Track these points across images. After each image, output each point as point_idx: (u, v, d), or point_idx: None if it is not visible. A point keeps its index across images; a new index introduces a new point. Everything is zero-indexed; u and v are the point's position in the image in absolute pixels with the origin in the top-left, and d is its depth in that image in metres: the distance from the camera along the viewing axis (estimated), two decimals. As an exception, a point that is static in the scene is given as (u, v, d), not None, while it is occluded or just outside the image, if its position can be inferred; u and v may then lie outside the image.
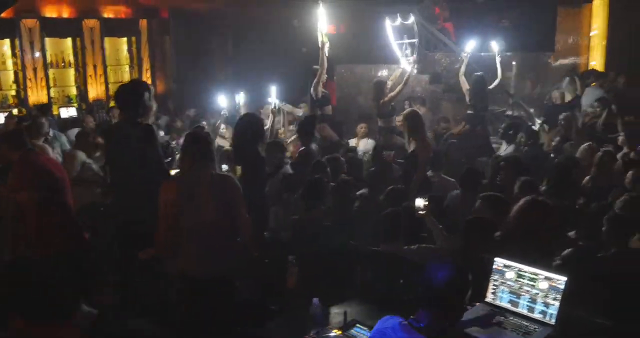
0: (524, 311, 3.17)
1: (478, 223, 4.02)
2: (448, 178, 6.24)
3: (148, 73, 13.72)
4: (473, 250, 3.82)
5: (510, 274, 3.26)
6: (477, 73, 8.92)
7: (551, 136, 8.24)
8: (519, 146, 7.50)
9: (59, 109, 11.88)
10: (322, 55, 8.26)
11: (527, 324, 3.11)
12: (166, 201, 3.81)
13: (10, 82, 11.71)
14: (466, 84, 8.89)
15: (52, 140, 7.93)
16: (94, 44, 12.47)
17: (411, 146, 6.21)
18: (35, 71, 11.72)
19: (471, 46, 8.99)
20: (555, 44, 11.59)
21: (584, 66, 11.87)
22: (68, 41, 12.29)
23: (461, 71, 8.94)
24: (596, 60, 12.13)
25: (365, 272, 4.05)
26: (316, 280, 3.92)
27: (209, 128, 8.93)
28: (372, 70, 11.48)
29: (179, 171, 4.24)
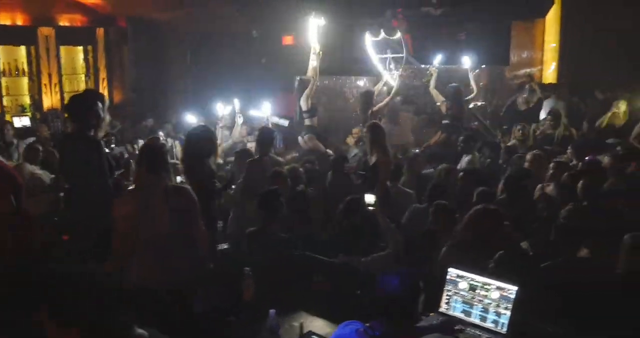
0: (477, 320, 3.22)
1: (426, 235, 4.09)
2: (406, 189, 6.30)
3: (105, 82, 13.53)
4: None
5: (463, 284, 3.30)
6: (453, 84, 9.16)
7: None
8: (481, 158, 7.65)
9: (12, 118, 11.62)
10: (315, 66, 8.30)
11: (480, 333, 3.16)
12: (121, 213, 3.78)
13: (-39, 91, 11.46)
14: (440, 96, 9.14)
15: (13, 149, 7.85)
16: (49, 53, 12.26)
17: (373, 158, 6.26)
18: (-13, 80, 11.48)
19: (438, 60, 9.20)
20: (510, 58, 11.83)
21: (538, 79, 12.14)
22: (22, 49, 12.07)
23: (432, 85, 9.19)
24: (549, 73, 12.44)
25: (322, 283, 4.05)
26: (272, 291, 3.91)
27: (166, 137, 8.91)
28: (335, 82, 11.56)
29: (134, 183, 4.19)
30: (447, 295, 3.34)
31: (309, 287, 4.03)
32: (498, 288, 3.18)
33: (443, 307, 3.34)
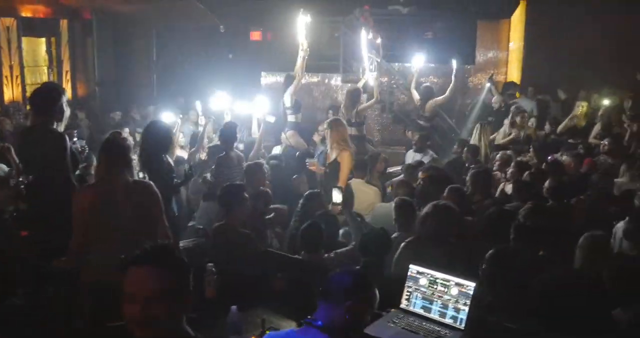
0: (436, 316, 3.25)
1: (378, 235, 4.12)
2: (371, 185, 6.35)
3: (68, 75, 13.30)
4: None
5: (423, 281, 3.34)
6: (426, 84, 9.32)
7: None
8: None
9: (-29, 111, 11.35)
10: (301, 62, 8.29)
11: (439, 329, 3.19)
12: (81, 208, 3.73)
13: None
14: (417, 96, 9.38)
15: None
16: (11, 44, 11.97)
17: (333, 153, 6.29)
18: (-55, 71, 11.20)
19: (421, 61, 9.48)
20: (475, 57, 11.99)
21: (503, 79, 12.32)
22: (-18, 40, 11.79)
23: (412, 85, 9.45)
24: (514, 73, 12.64)
25: (284, 280, 4.05)
26: (234, 287, 3.89)
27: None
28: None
29: (95, 178, 4.14)
30: (408, 291, 3.37)
31: (271, 283, 4.03)
32: (457, 284, 3.22)
33: (403, 303, 3.37)
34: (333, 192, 4.57)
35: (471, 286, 3.17)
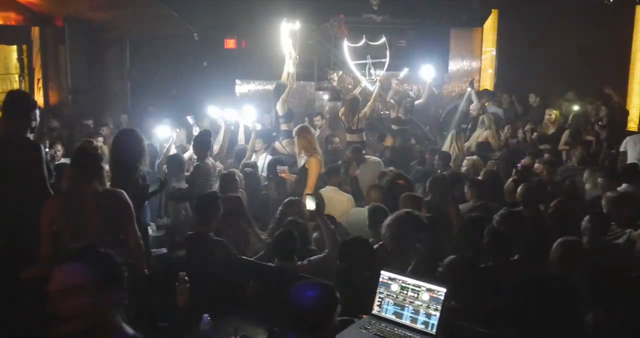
0: (408, 322, 3.27)
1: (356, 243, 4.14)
2: (343, 192, 6.37)
3: (40, 83, 13.13)
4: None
5: (395, 287, 3.35)
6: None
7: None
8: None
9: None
10: (292, 70, 8.32)
11: (411, 335, 3.21)
12: (49, 218, 3.70)
13: None
14: (392, 102, 9.74)
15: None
16: (-20, 51, 11.83)
17: (302, 160, 6.32)
18: None
19: (404, 73, 9.86)
20: (448, 65, 12.11)
21: (476, 87, 12.45)
22: (-48, 47, 11.62)
23: (390, 95, 9.75)
24: (486, 81, 12.81)
25: (257, 288, 4.05)
26: (207, 295, 3.88)
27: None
28: (269, 85, 11.56)
29: (65, 187, 4.10)
30: (380, 297, 3.38)
31: (244, 291, 4.02)
32: (428, 290, 3.24)
33: (375, 309, 3.39)
34: (306, 199, 4.58)
35: (442, 291, 3.20)
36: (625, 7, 11.21)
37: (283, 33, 8.50)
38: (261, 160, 8.42)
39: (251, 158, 7.47)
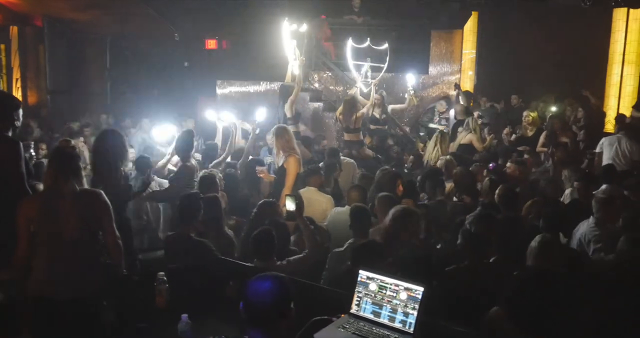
0: (386, 321, 3.29)
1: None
2: (322, 193, 6.40)
3: (19, 83, 13.01)
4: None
5: (373, 286, 3.37)
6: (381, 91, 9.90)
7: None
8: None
9: None
10: (298, 72, 8.36)
11: (389, 333, 3.22)
12: (26, 218, 3.68)
13: None
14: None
15: None
16: (-42, 51, 11.69)
17: (280, 160, 6.33)
18: None
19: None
20: (429, 67, 12.20)
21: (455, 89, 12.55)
22: None
23: (372, 94, 9.59)
24: (467, 83, 12.91)
25: (236, 287, 4.04)
26: (186, 296, 3.87)
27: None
28: (250, 86, 11.57)
29: (43, 187, 4.08)
30: (358, 296, 3.40)
31: (223, 292, 4.02)
32: (406, 289, 3.26)
33: (354, 309, 3.40)
34: (286, 200, 4.60)
35: (419, 290, 3.22)
36: (602, 11, 11.38)
37: (284, 34, 8.56)
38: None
39: (247, 158, 7.50)
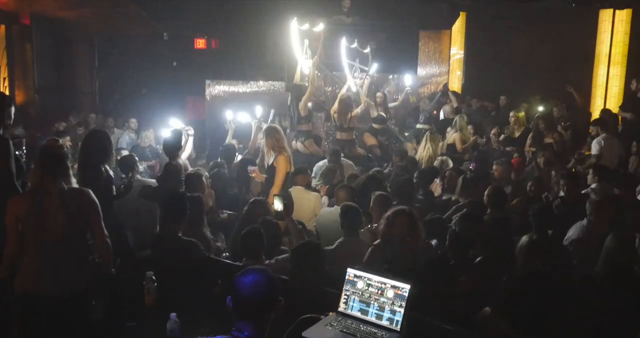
0: (373, 319, 3.32)
1: None
2: (309, 191, 6.44)
3: (6, 82, 12.89)
4: None
5: (360, 284, 3.41)
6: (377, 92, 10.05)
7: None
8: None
9: None
10: (312, 71, 8.43)
11: (376, 331, 3.26)
12: (14, 216, 3.69)
13: None
14: (370, 102, 9.87)
15: None
16: (-55, 49, 11.59)
17: (270, 159, 6.37)
18: None
19: (374, 68, 9.87)
20: (417, 67, 12.25)
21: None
22: None
23: (364, 92, 9.79)
24: (455, 83, 12.97)
25: (225, 287, 4.06)
26: (174, 295, 3.89)
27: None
28: (239, 86, 11.58)
29: (30, 185, 4.09)
30: (346, 294, 3.43)
31: (212, 290, 4.03)
32: (393, 286, 3.30)
33: (341, 307, 3.43)
34: (274, 200, 4.63)
35: (406, 288, 3.26)
36: (588, 12, 11.49)
37: (293, 33, 8.63)
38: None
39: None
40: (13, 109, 4.60)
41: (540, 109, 10.25)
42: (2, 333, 3.91)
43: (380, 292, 3.33)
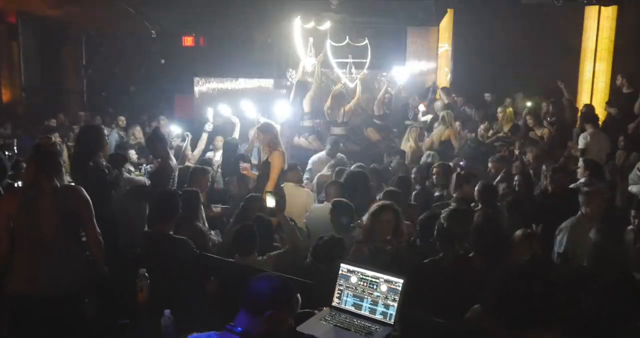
0: (367, 313, 3.35)
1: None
2: (301, 187, 6.46)
3: (-7, 81, 12.83)
4: None
5: (354, 279, 3.44)
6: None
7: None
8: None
9: None
10: (317, 68, 8.46)
11: (370, 325, 3.29)
12: (5, 214, 3.68)
13: None
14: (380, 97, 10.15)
15: None
16: None
17: (264, 155, 6.39)
18: None
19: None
20: (405, 63, 12.29)
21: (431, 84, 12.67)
22: None
23: (358, 89, 9.84)
24: (442, 79, 13.03)
25: (217, 283, 4.08)
26: (167, 292, 3.89)
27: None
28: (228, 83, 11.57)
29: (22, 183, 4.09)
30: (339, 289, 3.46)
31: (205, 287, 4.05)
32: (386, 281, 3.33)
33: (335, 301, 3.46)
34: (266, 197, 4.64)
35: (399, 282, 3.29)
36: (574, 8, 11.58)
37: (296, 31, 8.65)
38: (217, 156, 8.50)
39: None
40: None
41: (528, 104, 10.33)
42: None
43: (373, 287, 3.36)
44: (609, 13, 11.51)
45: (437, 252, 4.19)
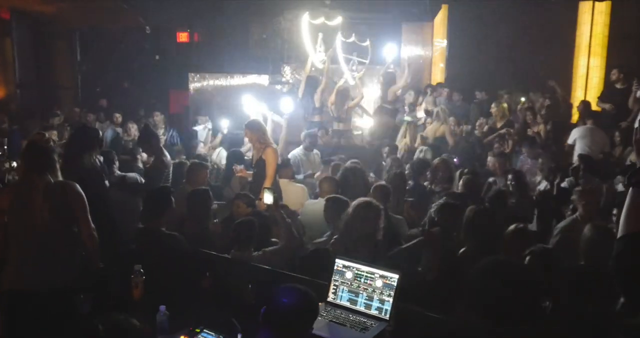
0: (362, 308, 3.37)
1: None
2: (295, 183, 6.47)
3: (-14, 77, 12.78)
4: None
5: (349, 274, 3.45)
6: (389, 70, 10.34)
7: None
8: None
9: None
10: (325, 64, 8.47)
11: (365, 320, 3.30)
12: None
13: None
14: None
15: None
16: None
17: (258, 153, 6.40)
18: None
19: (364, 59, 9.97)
20: (400, 59, 12.28)
21: (427, 80, 12.68)
22: None
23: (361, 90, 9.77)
24: (437, 75, 13.03)
25: (213, 278, 4.08)
26: (163, 287, 3.89)
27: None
28: (223, 79, 11.54)
29: (17, 178, 4.09)
30: (335, 285, 3.48)
31: (200, 283, 4.05)
32: (381, 276, 3.34)
33: (330, 297, 3.47)
34: (264, 193, 4.62)
35: (395, 278, 3.30)
36: (568, 4, 11.62)
37: (304, 27, 8.65)
38: (216, 153, 8.51)
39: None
40: None
41: (523, 100, 10.35)
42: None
43: (369, 282, 3.37)
44: (603, 8, 11.54)
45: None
